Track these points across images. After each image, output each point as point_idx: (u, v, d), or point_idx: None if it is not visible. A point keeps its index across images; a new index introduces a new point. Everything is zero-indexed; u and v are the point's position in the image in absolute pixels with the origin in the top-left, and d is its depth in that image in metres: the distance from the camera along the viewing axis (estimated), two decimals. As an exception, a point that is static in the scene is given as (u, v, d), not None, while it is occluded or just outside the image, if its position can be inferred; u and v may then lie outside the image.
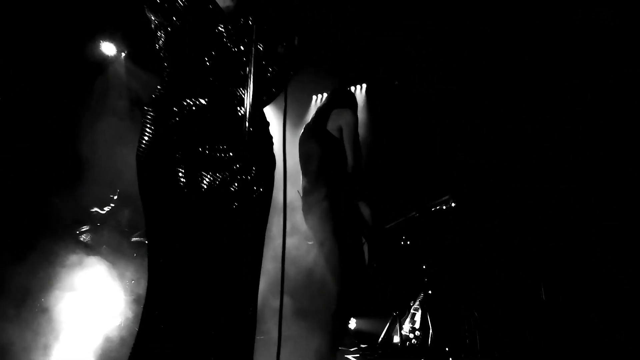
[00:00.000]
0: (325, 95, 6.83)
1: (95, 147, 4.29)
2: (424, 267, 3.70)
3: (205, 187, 1.60)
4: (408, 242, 3.78)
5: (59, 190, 3.97)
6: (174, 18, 1.61)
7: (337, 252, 2.93)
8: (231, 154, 1.66)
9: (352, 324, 4.69)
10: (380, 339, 3.95)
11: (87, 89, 4.71)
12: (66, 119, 4.41)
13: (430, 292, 3.68)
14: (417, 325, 3.78)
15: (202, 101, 1.64)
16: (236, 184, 1.69)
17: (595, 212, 3.68)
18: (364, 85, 6.46)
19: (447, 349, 3.64)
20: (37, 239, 3.28)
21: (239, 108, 1.70)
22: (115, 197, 4.26)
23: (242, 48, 1.75)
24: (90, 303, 3.18)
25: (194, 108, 1.63)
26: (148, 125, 1.61)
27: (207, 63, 1.67)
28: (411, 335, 3.73)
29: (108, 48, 4.91)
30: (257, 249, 1.78)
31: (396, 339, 3.83)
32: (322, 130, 3.08)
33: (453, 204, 3.40)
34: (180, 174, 1.56)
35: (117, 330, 3.22)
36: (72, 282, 3.15)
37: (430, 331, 3.65)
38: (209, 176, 1.61)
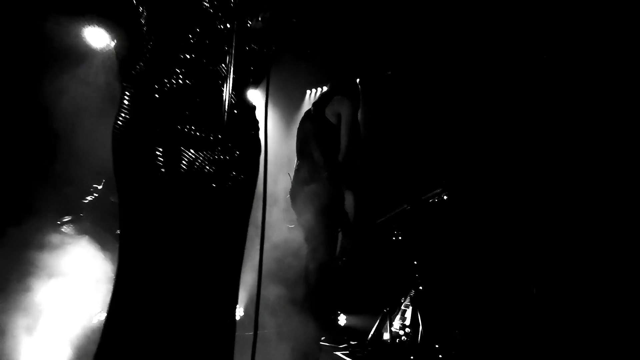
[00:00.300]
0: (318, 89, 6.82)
1: (81, 135, 4.18)
2: (415, 262, 3.64)
3: (184, 168, 1.52)
4: (399, 237, 3.71)
5: (42, 177, 3.88)
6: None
7: (324, 241, 2.90)
8: (214, 135, 1.59)
9: (342, 320, 4.63)
10: (370, 336, 3.89)
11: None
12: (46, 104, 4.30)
13: (421, 288, 3.62)
14: (407, 322, 3.72)
15: (185, 79, 1.56)
16: (218, 167, 1.61)
17: (590, 206, 3.63)
18: (357, 81, 6.41)
19: (437, 346, 3.59)
20: (14, 228, 3.18)
21: (223, 88, 1.62)
22: (100, 187, 4.15)
23: (228, 25, 1.67)
24: (69, 297, 3.08)
25: (175, 86, 1.55)
26: (126, 102, 1.53)
27: (191, 40, 1.59)
28: (401, 332, 3.67)
29: (94, 35, 4.76)
30: (239, 237, 1.70)
31: (386, 335, 3.77)
32: (320, 114, 3.05)
33: (445, 197, 3.34)
34: (158, 153, 1.48)
35: (96, 326, 3.12)
36: (50, 275, 3.06)
37: (421, 328, 3.60)
38: (189, 157, 1.53)
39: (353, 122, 3.06)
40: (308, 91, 7.05)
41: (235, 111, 1.72)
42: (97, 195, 4.13)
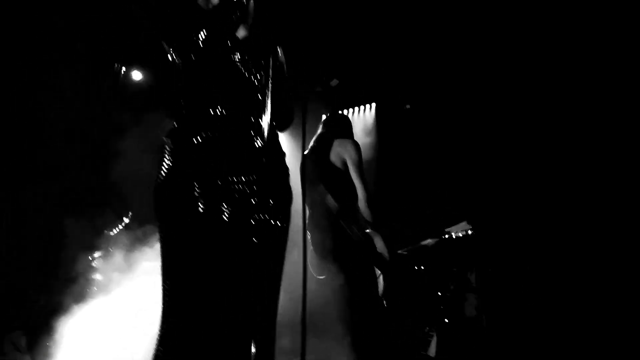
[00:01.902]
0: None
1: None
2: (440, 293, 3.61)
3: (224, 218, 1.61)
4: (422, 268, 3.68)
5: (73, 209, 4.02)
6: (192, 55, 1.64)
7: (347, 285, 2.95)
8: (250, 185, 1.69)
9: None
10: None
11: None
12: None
13: (446, 320, 3.58)
14: (432, 353, 3.68)
15: (219, 133, 1.68)
16: (255, 216, 1.70)
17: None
18: (373, 105, 6.43)
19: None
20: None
21: (255, 138, 1.74)
22: (127, 221, 4.24)
23: (258, 76, 1.78)
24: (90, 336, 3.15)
25: (211, 139, 1.66)
26: (167, 157, 1.65)
27: (224, 94, 1.71)
28: (426, 364, 3.62)
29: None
30: (275, 283, 1.77)
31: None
32: (326, 162, 3.07)
33: (470, 232, 3.32)
34: (199, 206, 1.58)
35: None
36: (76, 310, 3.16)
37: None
38: (227, 207, 1.63)
39: (360, 164, 3.07)
40: (324, 115, 7.11)
41: (268, 159, 1.79)
42: (123, 227, 4.22)
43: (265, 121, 1.74)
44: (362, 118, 6.46)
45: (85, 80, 4.75)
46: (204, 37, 1.61)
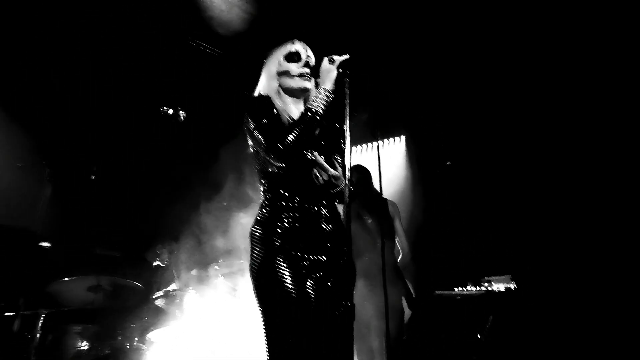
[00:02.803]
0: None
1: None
2: (479, 336, 3.67)
3: (312, 300, 1.98)
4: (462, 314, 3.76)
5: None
6: (280, 162, 2.07)
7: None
8: (325, 266, 2.08)
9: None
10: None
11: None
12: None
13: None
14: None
15: (299, 222, 2.09)
16: (332, 296, 2.06)
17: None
18: (403, 137, 6.55)
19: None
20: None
21: (327, 225, 2.15)
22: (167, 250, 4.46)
23: (326, 178, 2.18)
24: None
25: (292, 229, 2.07)
26: (258, 247, 2.05)
27: (300, 188, 2.14)
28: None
29: None
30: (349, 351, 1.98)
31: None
32: (390, 220, 3.62)
33: (513, 286, 3.39)
34: (289, 284, 1.96)
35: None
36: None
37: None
38: (312, 291, 2.00)
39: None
40: (354, 147, 7.26)
41: (336, 239, 2.17)
42: (167, 261, 4.43)
43: (332, 207, 2.15)
44: (392, 150, 6.60)
45: (85, 80, 4.91)
46: (288, 144, 2.00)
